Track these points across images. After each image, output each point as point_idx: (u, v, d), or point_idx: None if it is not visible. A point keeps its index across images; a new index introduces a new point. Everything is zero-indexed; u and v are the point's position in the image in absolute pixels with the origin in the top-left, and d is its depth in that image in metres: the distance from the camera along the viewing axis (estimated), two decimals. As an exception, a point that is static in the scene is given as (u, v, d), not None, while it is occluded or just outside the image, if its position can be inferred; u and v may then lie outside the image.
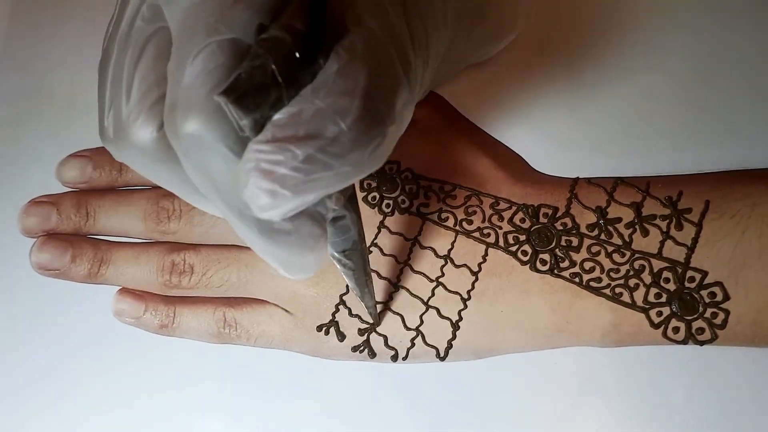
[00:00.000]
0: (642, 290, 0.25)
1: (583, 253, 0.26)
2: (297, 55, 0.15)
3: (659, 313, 0.24)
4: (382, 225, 0.28)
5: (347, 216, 0.19)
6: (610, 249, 0.25)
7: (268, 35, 0.15)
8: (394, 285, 0.27)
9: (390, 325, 0.27)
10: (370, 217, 0.28)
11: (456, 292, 0.26)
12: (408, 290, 0.27)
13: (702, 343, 0.24)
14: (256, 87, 0.14)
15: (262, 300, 0.28)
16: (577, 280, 0.25)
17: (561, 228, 0.26)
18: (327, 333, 0.27)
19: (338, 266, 0.22)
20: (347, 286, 0.27)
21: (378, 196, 0.28)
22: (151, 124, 0.17)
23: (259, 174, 0.15)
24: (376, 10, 0.17)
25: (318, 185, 0.15)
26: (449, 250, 0.27)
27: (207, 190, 0.17)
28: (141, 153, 0.17)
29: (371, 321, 0.27)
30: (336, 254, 0.21)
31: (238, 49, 0.15)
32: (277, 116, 0.15)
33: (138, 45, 0.17)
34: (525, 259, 0.26)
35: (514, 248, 0.26)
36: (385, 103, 0.16)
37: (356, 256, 0.21)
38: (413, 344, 0.26)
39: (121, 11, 0.18)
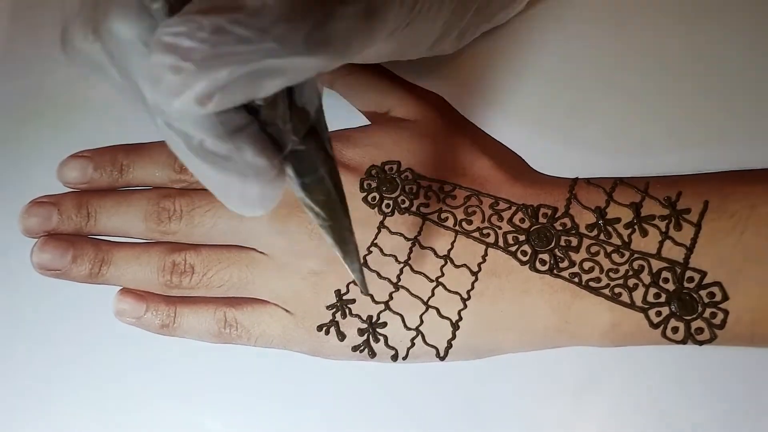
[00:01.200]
0: (641, 290, 0.25)
1: (583, 253, 0.26)
2: None
3: (658, 313, 0.25)
4: (382, 225, 0.28)
5: (311, 150, 0.17)
6: (609, 249, 0.26)
7: None
8: (394, 285, 0.27)
9: (390, 324, 0.27)
10: (370, 217, 0.28)
11: (456, 292, 0.26)
12: (408, 290, 0.27)
13: (701, 343, 0.24)
14: None
15: (263, 300, 0.28)
16: (576, 280, 0.25)
17: (560, 228, 0.26)
18: (327, 333, 0.27)
19: (311, 215, 0.19)
20: (348, 285, 0.27)
21: (378, 196, 0.28)
22: (88, 28, 0.16)
23: (161, 48, 0.13)
24: None
25: (232, 59, 0.13)
26: (449, 250, 0.27)
27: (136, 96, 0.15)
28: (83, 58, 0.16)
29: (360, 287, 0.24)
30: (306, 201, 0.19)
31: None
32: None
33: None
34: (524, 259, 0.26)
35: (513, 248, 0.26)
36: None
37: (329, 205, 0.19)
38: (413, 344, 0.27)
39: None
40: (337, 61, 0.15)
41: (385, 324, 0.27)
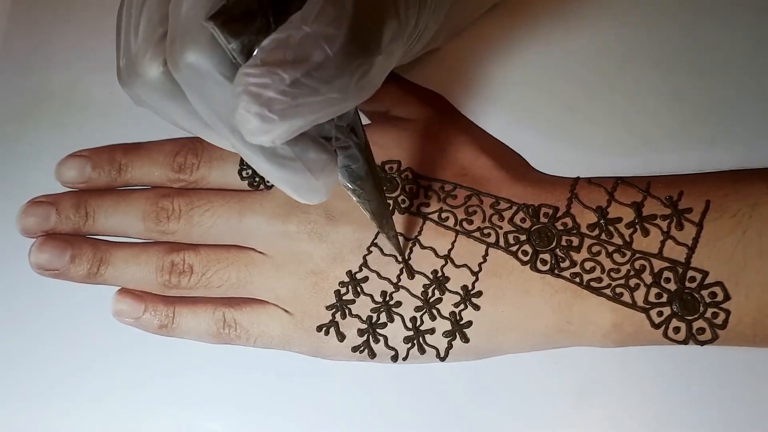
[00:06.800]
0: (642, 290, 0.25)
1: (584, 253, 0.26)
2: None
3: (660, 313, 0.24)
4: (382, 225, 0.28)
5: (351, 145, 0.20)
6: (610, 249, 0.25)
7: None
8: (395, 285, 0.27)
9: (390, 325, 0.27)
10: (370, 217, 0.28)
11: (456, 293, 0.26)
12: (408, 290, 0.27)
13: (703, 343, 0.24)
14: (243, 12, 0.15)
15: (262, 300, 0.28)
16: (577, 280, 0.25)
17: (561, 228, 0.26)
18: (327, 333, 0.27)
19: (354, 197, 0.23)
20: (347, 285, 0.27)
21: (378, 196, 0.28)
22: (157, 59, 0.18)
23: (249, 98, 0.15)
24: None
25: (305, 110, 0.16)
26: (449, 250, 0.27)
27: (211, 120, 0.17)
28: (150, 89, 0.18)
29: (396, 254, 0.27)
30: (349, 185, 0.22)
31: None
32: (265, 41, 0.15)
33: None
34: (525, 259, 0.26)
35: (514, 248, 0.26)
36: (371, 32, 0.17)
37: (368, 185, 0.22)
38: (413, 344, 0.26)
39: None
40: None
41: (384, 324, 0.27)
